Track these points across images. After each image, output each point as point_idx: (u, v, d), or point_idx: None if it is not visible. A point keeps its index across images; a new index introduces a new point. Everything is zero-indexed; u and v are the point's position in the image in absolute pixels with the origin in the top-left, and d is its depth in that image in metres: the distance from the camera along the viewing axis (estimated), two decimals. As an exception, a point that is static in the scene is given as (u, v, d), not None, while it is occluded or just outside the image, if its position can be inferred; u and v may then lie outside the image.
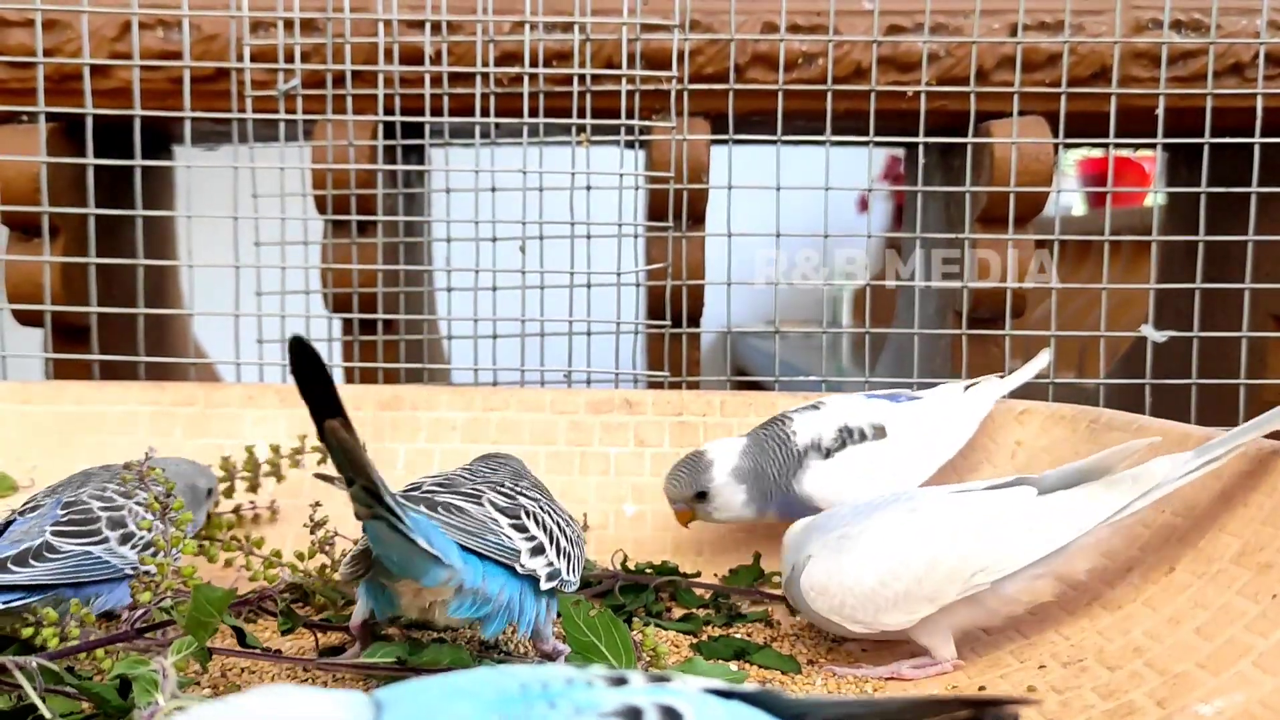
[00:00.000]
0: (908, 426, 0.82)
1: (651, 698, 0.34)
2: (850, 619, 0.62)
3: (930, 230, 1.12)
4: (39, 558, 0.56)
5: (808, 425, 0.79)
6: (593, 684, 0.34)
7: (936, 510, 0.62)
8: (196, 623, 0.48)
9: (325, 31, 0.98)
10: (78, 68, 1.00)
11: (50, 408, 0.91)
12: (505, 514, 0.59)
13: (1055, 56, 1.03)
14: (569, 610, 0.55)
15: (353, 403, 0.91)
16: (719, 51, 1.02)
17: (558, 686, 0.34)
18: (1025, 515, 0.61)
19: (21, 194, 1.00)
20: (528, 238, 0.95)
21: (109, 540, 0.58)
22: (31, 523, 0.60)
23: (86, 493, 0.62)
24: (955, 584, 0.60)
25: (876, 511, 0.64)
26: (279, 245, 0.99)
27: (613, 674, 0.35)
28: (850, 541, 0.62)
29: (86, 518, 0.59)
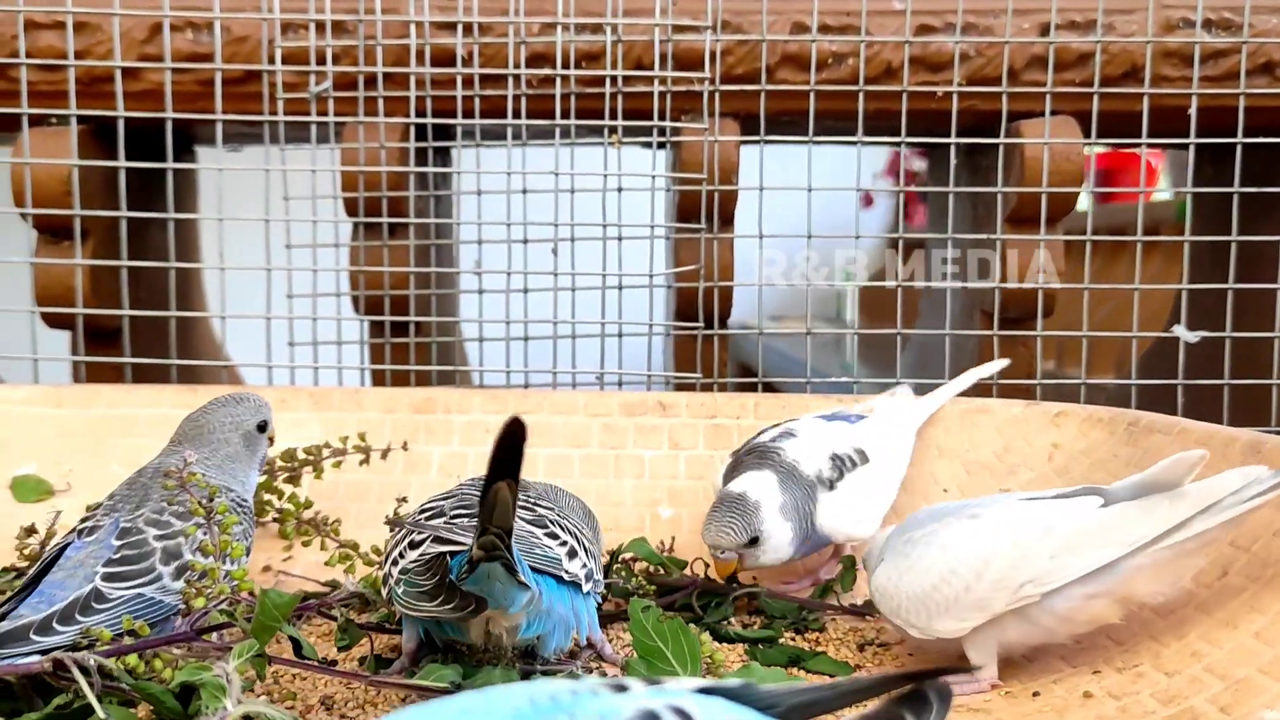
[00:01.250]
0: (878, 447, 0.81)
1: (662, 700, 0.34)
2: (907, 622, 0.62)
3: (956, 230, 1.12)
4: (86, 610, 0.55)
5: (802, 454, 0.77)
6: (598, 692, 0.35)
7: (996, 518, 0.61)
8: (261, 626, 0.48)
9: (356, 33, 0.98)
10: (106, 70, 1.00)
11: (82, 411, 0.91)
12: (536, 525, 0.59)
13: (1085, 56, 1.03)
14: (637, 615, 0.54)
15: (385, 405, 0.92)
16: (748, 52, 1.02)
17: (566, 698, 0.34)
18: (1080, 528, 0.59)
19: (52, 196, 1.00)
20: (560, 240, 0.95)
21: (162, 578, 0.57)
22: (87, 551, 0.59)
23: (144, 517, 0.60)
24: (1004, 593, 0.59)
25: (945, 517, 0.63)
26: (310, 248, 0.98)
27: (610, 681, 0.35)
28: (913, 546, 0.62)
29: (140, 553, 0.58)
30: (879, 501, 0.81)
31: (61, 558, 0.59)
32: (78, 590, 0.56)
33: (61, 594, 0.56)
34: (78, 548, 0.59)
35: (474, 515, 0.58)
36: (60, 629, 0.53)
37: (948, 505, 0.66)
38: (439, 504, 0.62)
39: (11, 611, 0.55)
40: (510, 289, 0.97)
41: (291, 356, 0.99)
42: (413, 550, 0.57)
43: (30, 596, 0.57)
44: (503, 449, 0.44)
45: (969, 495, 0.86)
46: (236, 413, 0.70)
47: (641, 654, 0.55)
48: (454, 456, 0.90)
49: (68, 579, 0.57)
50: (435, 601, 0.53)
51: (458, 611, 0.53)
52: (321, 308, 1.01)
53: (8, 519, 0.83)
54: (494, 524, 0.49)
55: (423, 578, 0.54)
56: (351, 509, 0.86)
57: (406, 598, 0.55)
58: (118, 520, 0.61)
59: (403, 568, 0.57)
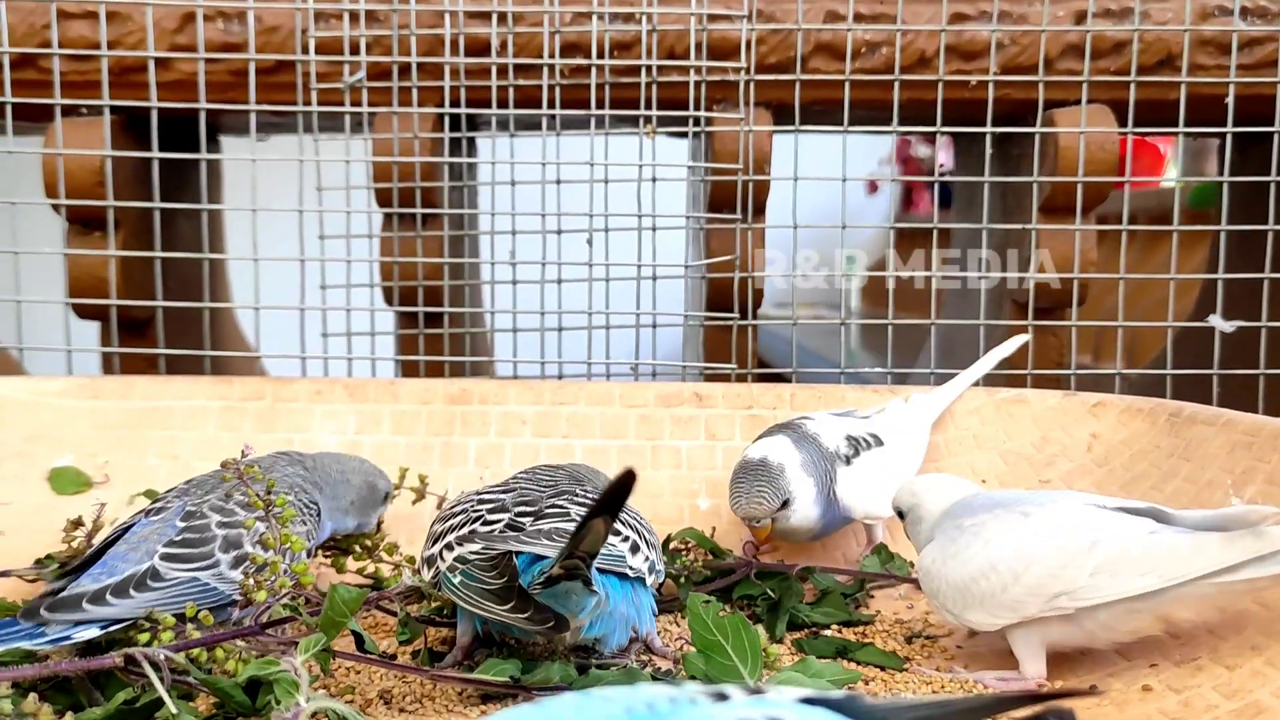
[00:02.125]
0: (892, 434, 0.82)
1: (762, 711, 0.34)
2: (943, 607, 0.62)
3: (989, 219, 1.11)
4: (141, 587, 0.55)
5: (821, 430, 0.78)
6: (696, 701, 0.34)
7: (1046, 520, 0.61)
8: (330, 622, 0.48)
9: (389, 23, 0.97)
10: (135, 60, 1.00)
11: (119, 403, 0.91)
12: None
13: (1120, 44, 1.02)
14: (698, 609, 0.54)
15: (421, 397, 0.92)
16: (781, 41, 1.01)
17: (664, 707, 0.33)
18: (1123, 551, 0.58)
19: (83, 187, 1.00)
20: (594, 230, 0.95)
21: (219, 565, 0.58)
22: (152, 528, 0.59)
23: (210, 503, 0.61)
24: (1037, 600, 0.58)
25: (996, 509, 0.62)
26: (344, 239, 0.98)
27: (710, 689, 0.35)
28: (961, 534, 0.62)
29: (201, 536, 0.58)
30: (895, 482, 0.81)
31: (126, 534, 0.60)
32: (136, 566, 0.56)
33: (122, 567, 0.56)
34: (143, 524, 0.60)
35: (537, 513, 0.58)
36: (113, 601, 0.54)
37: (1003, 495, 0.65)
38: (499, 497, 0.61)
39: (73, 581, 0.56)
40: (545, 280, 0.97)
41: (325, 347, 0.99)
42: (472, 542, 0.57)
43: (93, 568, 0.57)
44: (614, 491, 0.45)
45: (1006, 486, 0.86)
46: (373, 471, 0.74)
47: (700, 647, 0.55)
48: (491, 448, 0.90)
49: (129, 553, 0.58)
50: (506, 607, 0.53)
51: (533, 624, 0.52)
52: (352, 299, 1.01)
53: (49, 510, 0.83)
54: (583, 549, 0.50)
55: (488, 574, 0.54)
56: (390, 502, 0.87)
57: (469, 593, 0.54)
58: (185, 504, 0.61)
59: (459, 556, 0.57)
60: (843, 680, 0.56)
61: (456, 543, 0.58)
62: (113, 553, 0.58)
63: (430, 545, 0.60)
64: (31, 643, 0.51)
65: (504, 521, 0.58)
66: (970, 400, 0.92)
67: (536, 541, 0.55)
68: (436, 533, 0.61)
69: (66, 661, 0.48)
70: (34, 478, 0.86)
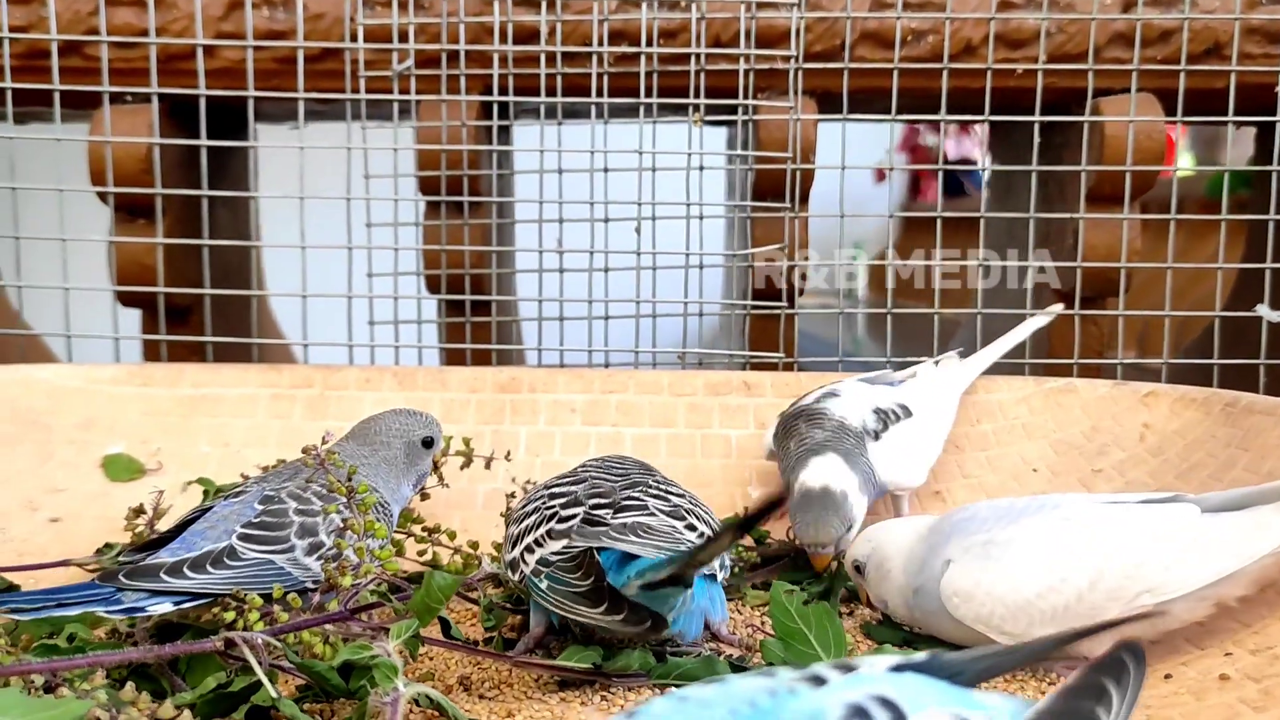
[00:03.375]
0: (921, 403, 0.82)
1: (863, 690, 0.34)
2: (998, 630, 0.59)
3: (1023, 209, 1.11)
4: (218, 564, 0.56)
5: (848, 411, 0.78)
6: (796, 690, 0.34)
7: (1096, 522, 0.60)
8: (425, 608, 0.48)
9: (435, 9, 0.97)
10: (181, 48, 1.00)
11: (169, 390, 0.91)
12: (674, 517, 0.59)
13: (1166, 33, 1.02)
14: (779, 597, 0.54)
15: (470, 385, 0.92)
16: (827, 29, 1.01)
17: (765, 702, 0.33)
18: (1195, 538, 0.58)
19: (128, 175, 1.00)
20: (643, 218, 0.95)
21: (294, 550, 0.58)
22: (232, 510, 0.60)
23: (288, 490, 0.61)
24: (1118, 602, 0.57)
25: (1023, 518, 0.61)
26: (389, 226, 0.98)
27: (805, 674, 0.35)
28: (998, 549, 0.59)
29: (279, 521, 0.59)
30: (924, 453, 0.82)
31: (205, 515, 0.60)
32: (215, 543, 0.57)
33: (201, 544, 0.57)
34: (223, 506, 0.61)
35: (612, 505, 0.58)
36: (191, 575, 0.55)
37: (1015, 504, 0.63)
38: (570, 490, 0.61)
39: (152, 554, 0.57)
40: (593, 268, 0.97)
41: (372, 335, 0.99)
42: (553, 540, 0.57)
43: (172, 543, 0.58)
44: (761, 510, 0.44)
45: (1059, 475, 0.86)
46: (406, 423, 0.72)
47: (781, 635, 0.55)
48: (541, 436, 0.90)
49: (208, 530, 0.58)
50: (599, 610, 0.52)
51: (629, 626, 0.52)
52: (385, 286, 1.01)
53: (104, 497, 0.84)
54: (701, 558, 0.50)
55: (573, 575, 0.54)
56: (442, 489, 0.87)
57: (559, 599, 0.54)
58: (263, 489, 0.62)
59: (541, 558, 0.57)
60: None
61: (535, 544, 0.58)
62: (192, 530, 0.59)
63: (511, 548, 0.60)
64: (105, 609, 0.52)
65: (579, 515, 0.58)
66: (1018, 389, 0.92)
67: (625, 538, 0.55)
68: (513, 535, 0.61)
69: (170, 645, 0.48)
70: (88, 465, 0.86)
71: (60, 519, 0.80)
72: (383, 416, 0.74)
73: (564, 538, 0.57)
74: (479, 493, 0.87)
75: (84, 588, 0.53)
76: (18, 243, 0.99)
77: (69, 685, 0.47)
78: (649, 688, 0.56)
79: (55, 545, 0.76)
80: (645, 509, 0.58)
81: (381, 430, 0.72)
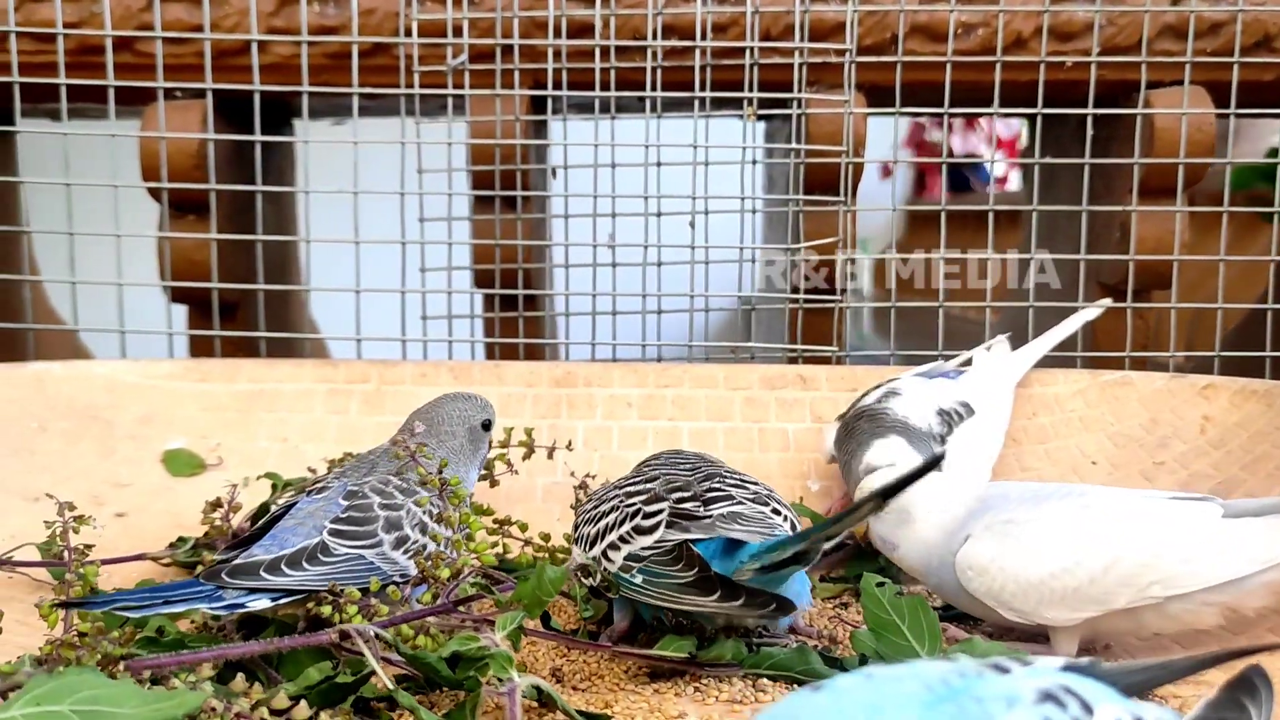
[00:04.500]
0: (982, 400, 0.82)
1: (1050, 681, 0.34)
2: (1007, 606, 0.59)
3: (1064, 202, 1.10)
4: (313, 560, 0.56)
5: (911, 411, 0.78)
6: (983, 674, 0.34)
7: (1115, 510, 0.60)
8: (536, 599, 0.49)
9: (486, 4, 0.97)
10: (231, 43, 1.00)
11: (227, 386, 0.91)
12: (759, 503, 0.59)
13: (1216, 25, 1.02)
14: (871, 589, 0.54)
15: (526, 380, 0.92)
16: (876, 23, 1.01)
17: (957, 681, 0.33)
18: (1212, 536, 0.58)
19: (180, 170, 1.00)
20: (696, 213, 0.95)
21: (383, 545, 0.58)
22: (317, 506, 0.60)
23: (370, 484, 0.61)
24: (1128, 590, 0.58)
25: (1045, 501, 0.61)
26: (444, 221, 0.98)
27: (986, 662, 0.35)
28: (1017, 528, 0.60)
29: (365, 516, 0.59)
30: (988, 452, 0.82)
31: (291, 511, 0.60)
32: (307, 540, 0.57)
33: (293, 540, 0.57)
34: (307, 502, 0.61)
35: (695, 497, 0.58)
36: (288, 572, 0.55)
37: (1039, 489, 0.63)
38: (645, 487, 0.61)
39: (244, 551, 0.57)
40: (647, 262, 0.97)
41: (425, 330, 0.99)
42: (642, 535, 0.57)
43: (263, 540, 0.58)
44: (910, 478, 0.44)
45: (1118, 468, 0.86)
46: (465, 408, 0.71)
47: (873, 626, 0.55)
48: (598, 430, 0.90)
49: (298, 527, 0.58)
50: (712, 597, 0.52)
51: (751, 610, 0.52)
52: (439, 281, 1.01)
53: (167, 492, 0.84)
54: (831, 533, 0.50)
55: (673, 567, 0.54)
56: (503, 482, 0.87)
57: (659, 590, 0.54)
58: (345, 484, 0.62)
59: (631, 554, 0.56)
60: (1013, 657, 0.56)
61: (621, 540, 0.58)
62: (281, 527, 0.59)
63: (589, 547, 0.60)
64: (209, 605, 0.52)
65: (665, 509, 0.58)
66: (1073, 382, 0.92)
67: (731, 527, 0.55)
68: (590, 534, 0.60)
69: (287, 638, 0.49)
70: (149, 460, 0.86)
71: (126, 514, 0.80)
72: (440, 404, 0.73)
73: (652, 533, 0.57)
74: (538, 486, 0.87)
75: (185, 585, 0.54)
76: (71, 239, 0.99)
77: (175, 678, 0.47)
78: (740, 678, 0.56)
79: (123, 540, 0.76)
80: (732, 498, 0.58)
81: (444, 419, 0.71)
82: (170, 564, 0.73)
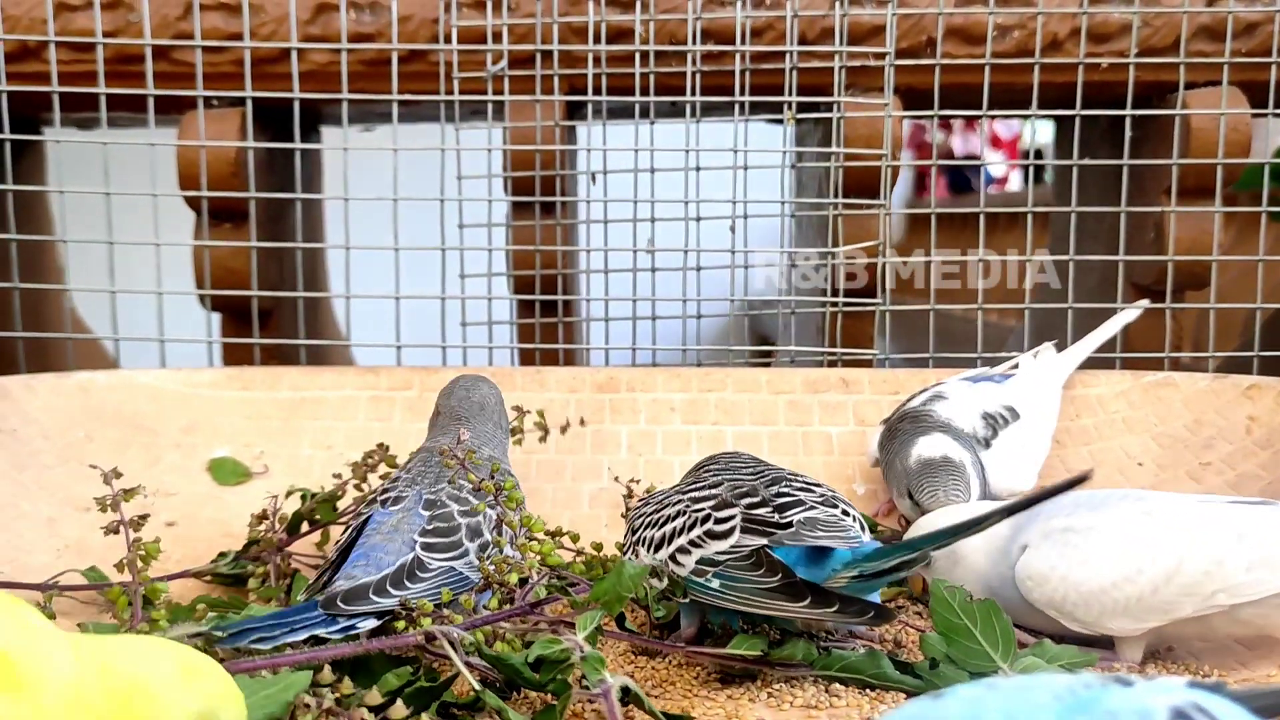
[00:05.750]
0: (1027, 404, 0.82)
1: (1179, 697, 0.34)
2: (1069, 616, 0.59)
3: (1093, 202, 1.10)
4: (412, 577, 0.55)
5: (955, 414, 0.78)
6: (1108, 686, 0.34)
7: (1177, 517, 0.59)
8: (616, 597, 0.48)
9: (522, 10, 0.97)
10: (267, 51, 1.00)
11: (269, 394, 0.91)
12: (829, 506, 0.59)
13: (1251, 25, 1.02)
14: (941, 593, 0.54)
15: (569, 385, 0.92)
16: (912, 26, 1.01)
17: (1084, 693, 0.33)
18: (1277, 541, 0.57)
19: (217, 179, 1.00)
20: (737, 217, 0.95)
21: (469, 554, 0.58)
22: (397, 518, 0.59)
23: (446, 492, 0.61)
24: (1193, 599, 0.57)
25: (1103, 508, 0.61)
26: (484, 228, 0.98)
27: (1107, 676, 0.35)
28: (1077, 536, 0.59)
29: (449, 526, 0.59)
30: (1033, 456, 0.82)
31: (370, 524, 0.60)
32: (401, 556, 0.57)
33: (387, 559, 0.57)
34: (386, 514, 0.60)
35: (763, 502, 0.58)
36: (393, 591, 0.54)
37: (1097, 495, 0.62)
38: (712, 493, 0.61)
39: (340, 572, 0.57)
40: (687, 266, 0.97)
41: (464, 336, 0.99)
42: (716, 540, 0.57)
43: (354, 557, 0.57)
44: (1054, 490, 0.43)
45: (1164, 469, 0.86)
46: (491, 391, 0.71)
47: (943, 630, 0.55)
48: (642, 435, 0.90)
49: (387, 543, 0.58)
50: (801, 604, 0.52)
51: (848, 617, 0.52)
52: (478, 287, 1.01)
53: (213, 500, 0.84)
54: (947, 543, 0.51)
55: (753, 573, 0.54)
56: (547, 489, 0.87)
57: (739, 595, 0.54)
58: (420, 492, 0.61)
59: (704, 558, 0.56)
60: (1079, 663, 0.56)
61: (692, 545, 0.57)
62: (367, 545, 0.58)
63: (654, 551, 0.60)
64: (325, 630, 0.51)
65: (738, 514, 0.58)
66: (1115, 383, 0.92)
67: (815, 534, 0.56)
68: (655, 538, 0.60)
69: (375, 640, 0.49)
70: (195, 469, 0.86)
71: (175, 523, 0.80)
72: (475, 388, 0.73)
73: (726, 537, 0.57)
74: (584, 493, 0.87)
75: (302, 611, 0.53)
76: (111, 248, 0.99)
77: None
78: (812, 682, 0.56)
79: (175, 549, 0.75)
80: (803, 503, 0.58)
81: (488, 403, 0.72)
82: (211, 580, 0.72)
